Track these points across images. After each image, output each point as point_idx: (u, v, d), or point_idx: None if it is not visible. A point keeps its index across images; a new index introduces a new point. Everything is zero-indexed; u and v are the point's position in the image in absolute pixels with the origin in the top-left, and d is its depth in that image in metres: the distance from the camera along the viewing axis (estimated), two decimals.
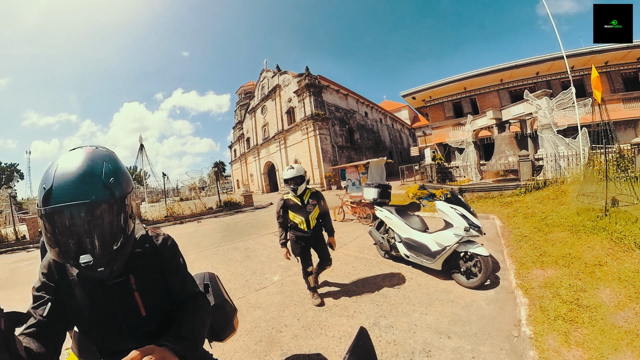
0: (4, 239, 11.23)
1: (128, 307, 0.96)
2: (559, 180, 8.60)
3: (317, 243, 3.54)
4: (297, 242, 3.48)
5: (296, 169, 3.37)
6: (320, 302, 3.43)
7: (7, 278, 6.54)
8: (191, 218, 14.60)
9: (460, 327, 2.70)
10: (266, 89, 33.99)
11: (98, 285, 0.94)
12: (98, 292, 0.94)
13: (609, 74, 16.76)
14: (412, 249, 4.13)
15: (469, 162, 14.35)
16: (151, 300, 1.01)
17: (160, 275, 1.05)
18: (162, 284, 1.06)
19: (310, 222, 3.37)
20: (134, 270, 0.99)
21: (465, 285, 3.52)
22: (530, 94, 10.80)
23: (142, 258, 1.02)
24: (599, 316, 2.51)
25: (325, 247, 3.57)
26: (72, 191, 0.77)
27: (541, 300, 2.90)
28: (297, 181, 3.34)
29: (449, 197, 4.03)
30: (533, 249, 4.32)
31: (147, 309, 0.99)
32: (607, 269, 3.33)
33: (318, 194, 3.51)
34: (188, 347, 0.87)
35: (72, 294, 0.93)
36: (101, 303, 0.94)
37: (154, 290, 1.03)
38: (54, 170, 0.79)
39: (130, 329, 0.97)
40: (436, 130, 22.93)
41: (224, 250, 6.77)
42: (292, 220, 3.42)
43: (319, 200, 3.47)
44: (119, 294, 0.95)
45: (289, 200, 3.43)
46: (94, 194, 0.79)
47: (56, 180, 0.77)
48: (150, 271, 1.03)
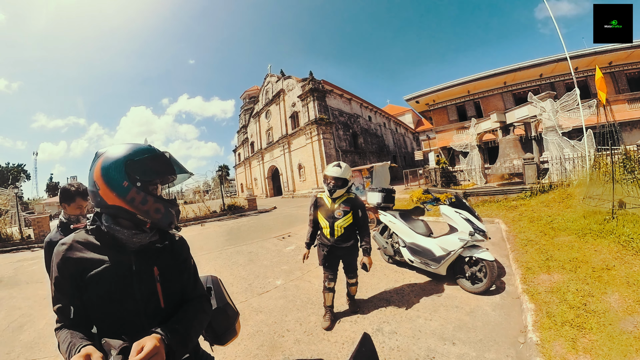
0: (9, 238, 11.38)
1: (150, 297, 1.04)
2: (564, 183, 8.49)
3: (346, 256, 3.10)
4: (320, 249, 3.13)
5: (343, 169, 2.95)
6: (329, 326, 3.00)
7: (10, 277, 6.62)
8: (195, 221, 14.64)
9: (465, 334, 2.67)
10: (270, 93, 34.23)
11: (124, 273, 1.01)
12: (124, 280, 1.01)
13: (613, 74, 16.61)
14: (416, 253, 4.10)
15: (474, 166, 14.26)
16: (169, 293, 1.09)
17: (177, 272, 1.16)
18: (179, 279, 1.15)
19: (335, 231, 2.96)
20: (157, 263, 1.09)
21: (470, 291, 3.47)
22: (534, 96, 10.72)
23: (163, 253, 1.13)
24: (607, 321, 2.46)
25: (354, 262, 3.14)
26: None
27: (548, 306, 2.86)
28: (338, 183, 2.93)
29: (454, 201, 4.00)
30: (539, 253, 4.27)
31: (165, 301, 1.07)
32: (615, 273, 3.27)
33: (356, 202, 3.03)
34: (180, 342, 0.95)
35: (94, 281, 0.98)
36: (126, 291, 1.00)
37: (172, 284, 1.12)
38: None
39: (149, 318, 1.02)
40: (440, 134, 22.87)
41: (227, 254, 6.77)
42: (319, 224, 3.11)
43: (356, 209, 2.99)
44: (144, 283, 1.04)
45: (320, 200, 3.12)
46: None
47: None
48: (169, 266, 1.13)
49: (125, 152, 1.05)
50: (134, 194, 1.02)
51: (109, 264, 1.00)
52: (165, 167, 1.11)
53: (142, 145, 1.11)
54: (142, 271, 1.05)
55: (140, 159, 1.05)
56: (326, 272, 3.09)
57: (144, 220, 1.06)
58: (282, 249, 6.71)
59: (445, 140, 21.08)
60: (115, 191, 1.01)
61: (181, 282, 1.16)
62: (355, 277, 3.20)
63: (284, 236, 8.17)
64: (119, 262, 1.02)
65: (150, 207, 1.05)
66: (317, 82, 27.48)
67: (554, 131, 9.87)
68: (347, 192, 3.05)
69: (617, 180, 5.55)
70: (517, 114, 12.19)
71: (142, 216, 1.05)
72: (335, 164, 3.00)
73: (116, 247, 1.04)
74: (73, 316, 0.96)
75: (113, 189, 1.01)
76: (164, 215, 1.09)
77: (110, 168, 1.02)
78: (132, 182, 1.03)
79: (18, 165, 55.60)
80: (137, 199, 1.03)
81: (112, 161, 1.03)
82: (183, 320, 1.03)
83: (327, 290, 3.10)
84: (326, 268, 3.09)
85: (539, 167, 10.53)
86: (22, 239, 11.40)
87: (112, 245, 1.05)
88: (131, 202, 1.02)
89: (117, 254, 1.04)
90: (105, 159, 1.04)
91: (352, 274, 3.17)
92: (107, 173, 1.02)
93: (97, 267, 0.99)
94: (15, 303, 4.61)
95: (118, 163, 1.02)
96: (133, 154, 1.05)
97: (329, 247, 3.02)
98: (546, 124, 10.16)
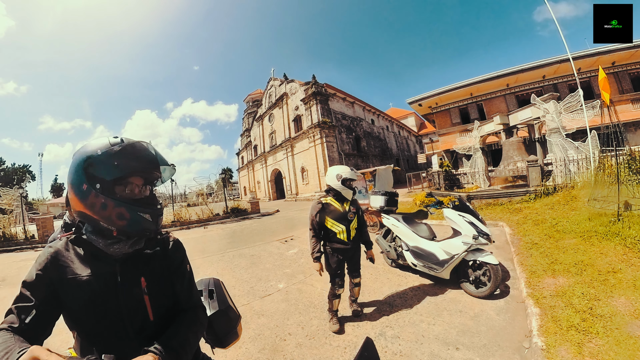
0: (13, 237, 11.49)
1: (137, 310, 0.95)
2: (569, 185, 8.43)
3: (354, 255, 3.16)
4: (334, 255, 3.02)
5: (353, 171, 3.05)
6: (339, 329, 2.98)
7: (14, 276, 6.67)
8: (198, 224, 14.67)
9: (469, 338, 2.64)
10: (273, 97, 34.38)
11: (108, 286, 0.93)
12: (108, 293, 0.92)
13: (617, 75, 16.46)
14: (419, 257, 4.07)
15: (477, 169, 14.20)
16: (159, 305, 1.00)
17: (169, 280, 1.06)
18: (170, 289, 1.07)
19: (351, 233, 3.00)
20: (145, 273, 0.99)
21: (474, 295, 3.44)
22: (537, 98, 10.69)
23: (153, 260, 1.03)
24: (614, 326, 2.43)
25: (359, 259, 3.22)
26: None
27: (553, 310, 2.82)
28: (352, 184, 3.03)
29: (457, 204, 3.98)
30: (544, 256, 4.22)
31: (155, 314, 0.98)
32: (621, 276, 3.23)
33: (357, 202, 3.19)
34: (174, 359, 0.88)
35: (74, 294, 0.90)
36: (109, 304, 0.92)
37: (163, 295, 1.03)
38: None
39: (136, 332, 0.94)
40: (443, 137, 22.79)
41: (229, 257, 6.77)
42: (331, 230, 2.98)
43: (358, 209, 3.15)
44: (129, 296, 0.95)
45: (329, 205, 3.00)
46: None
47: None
48: (160, 275, 1.03)
49: (86, 149, 0.93)
50: (93, 197, 0.90)
51: (91, 275, 0.91)
52: (135, 162, 0.95)
53: (109, 138, 0.95)
54: (128, 282, 0.95)
55: (101, 156, 0.90)
56: (338, 280, 3.02)
57: (108, 228, 0.93)
58: (284, 252, 6.70)
59: (449, 143, 21.01)
60: (77, 195, 0.92)
61: (174, 291, 1.07)
62: (360, 276, 3.23)
63: (286, 239, 8.17)
64: (103, 274, 0.93)
65: (110, 212, 0.91)
66: (320, 85, 27.56)
67: (557, 133, 9.82)
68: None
69: (623, 182, 5.50)
70: (520, 116, 12.14)
71: (105, 223, 0.92)
72: (347, 167, 3.07)
73: (100, 257, 0.96)
74: (29, 321, 0.83)
75: (75, 193, 0.92)
76: (130, 221, 0.94)
77: (72, 169, 0.93)
78: (91, 184, 0.90)
79: (23, 166, 56.29)
80: (96, 204, 0.90)
81: (73, 161, 0.93)
82: (178, 335, 0.94)
83: (335, 297, 3.07)
84: (338, 275, 3.02)
85: (543, 169, 10.47)
86: (26, 238, 11.53)
87: (95, 255, 0.96)
88: (92, 208, 0.91)
89: (101, 264, 0.95)
90: (72, 159, 0.94)
91: (356, 272, 3.20)
92: (70, 175, 0.93)
93: (80, 277, 0.91)
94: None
95: (78, 163, 0.92)
96: (93, 150, 0.91)
97: (346, 250, 3.01)
98: (550, 125, 10.12)
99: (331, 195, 3.07)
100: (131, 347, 0.91)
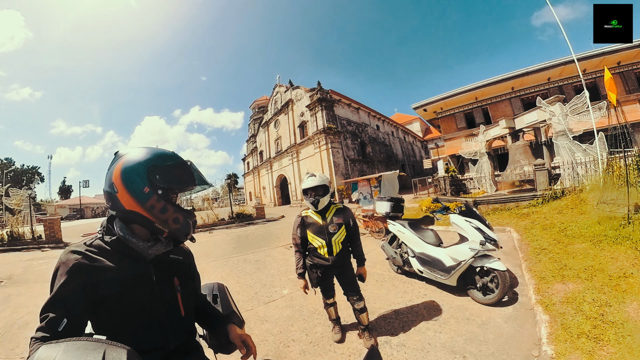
0: (21, 237, 11.72)
1: (171, 306, 1.06)
2: (577, 188, 8.30)
3: (342, 274, 2.80)
4: (313, 272, 2.79)
5: (318, 176, 2.70)
6: (340, 339, 2.87)
7: (20, 275, 6.79)
8: (203, 228, 14.74)
9: (477, 347, 2.58)
10: (279, 103, 34.69)
11: (144, 285, 1.02)
12: (145, 291, 1.01)
13: (623, 75, 16.29)
14: (425, 264, 4.03)
15: (483, 174, 14.06)
16: (187, 302, 1.14)
17: (191, 281, 1.22)
18: (192, 288, 1.23)
19: (334, 247, 2.66)
20: (177, 273, 1.13)
21: (482, 302, 3.38)
22: (543, 101, 10.60)
23: (179, 264, 1.18)
24: (626, 332, 2.36)
25: (353, 278, 2.81)
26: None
27: (563, 317, 2.75)
28: (319, 192, 2.66)
29: (464, 209, 3.94)
30: (553, 262, 4.15)
31: (185, 310, 1.11)
32: (633, 280, 3.15)
33: (346, 211, 2.79)
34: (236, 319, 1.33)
35: (111, 295, 0.93)
36: (147, 303, 1.00)
37: (189, 293, 1.17)
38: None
39: (173, 327, 1.05)
40: (448, 142, 22.69)
41: (234, 262, 6.78)
42: (311, 243, 2.75)
43: (347, 220, 2.74)
44: (166, 293, 1.06)
45: (307, 218, 2.79)
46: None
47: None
48: (185, 275, 1.18)
49: (149, 156, 1.01)
50: (154, 201, 0.98)
51: (127, 276, 0.97)
52: (187, 177, 1.08)
53: (167, 151, 1.07)
54: (163, 282, 1.06)
55: (164, 166, 1.02)
56: (323, 292, 2.88)
57: (161, 230, 1.02)
58: (289, 257, 6.68)
59: (454, 148, 20.89)
60: (135, 196, 0.97)
61: (194, 290, 1.24)
62: (362, 299, 2.78)
63: (291, 245, 8.14)
64: (139, 273, 1.01)
65: (169, 216, 1.01)
66: (325, 91, 27.74)
67: (564, 135, 9.70)
68: (332, 199, 2.82)
69: (632, 184, 5.39)
70: (526, 120, 12.03)
71: (160, 225, 1.01)
72: (309, 175, 2.78)
73: (134, 257, 1.02)
74: (62, 329, 0.83)
75: (133, 194, 0.97)
76: (182, 226, 1.05)
77: (131, 171, 0.97)
78: (154, 189, 0.99)
79: (32, 168, 57.66)
80: (157, 207, 0.99)
81: (134, 164, 0.98)
82: (219, 312, 1.31)
83: (328, 306, 2.97)
84: (322, 289, 2.86)
85: (551, 173, 10.33)
86: (33, 238, 11.75)
87: (130, 255, 1.01)
88: (150, 210, 0.98)
89: (136, 264, 1.02)
90: (126, 161, 0.99)
91: (355, 295, 2.77)
92: (128, 176, 0.97)
93: (116, 278, 0.95)
94: (22, 301, 4.69)
95: (141, 167, 0.98)
96: (157, 159, 1.01)
97: (326, 267, 2.71)
98: (556, 128, 10.00)
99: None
100: (168, 341, 1.03)
